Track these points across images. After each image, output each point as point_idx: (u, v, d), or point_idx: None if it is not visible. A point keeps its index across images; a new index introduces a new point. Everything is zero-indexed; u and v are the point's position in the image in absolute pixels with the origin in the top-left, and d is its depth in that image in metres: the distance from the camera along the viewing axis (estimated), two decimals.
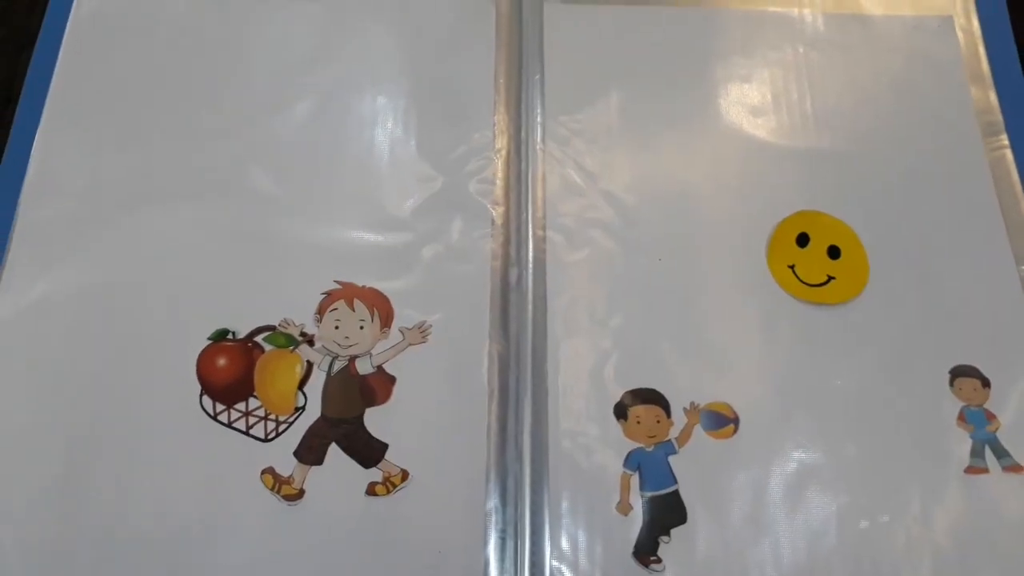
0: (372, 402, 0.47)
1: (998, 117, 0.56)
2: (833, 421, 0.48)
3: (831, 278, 0.51)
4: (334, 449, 0.46)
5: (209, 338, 0.48)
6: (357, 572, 0.44)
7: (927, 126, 0.56)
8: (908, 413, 0.48)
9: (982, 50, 0.59)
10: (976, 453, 0.47)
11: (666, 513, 0.45)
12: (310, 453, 0.46)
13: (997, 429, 0.48)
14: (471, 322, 0.49)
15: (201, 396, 0.47)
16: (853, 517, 0.45)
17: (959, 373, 0.49)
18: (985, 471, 0.47)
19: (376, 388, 0.47)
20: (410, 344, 0.48)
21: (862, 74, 0.58)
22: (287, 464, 0.46)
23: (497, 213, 0.52)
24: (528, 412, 0.47)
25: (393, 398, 0.47)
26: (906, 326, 0.50)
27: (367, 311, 0.49)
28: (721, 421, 0.47)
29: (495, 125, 0.54)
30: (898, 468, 0.47)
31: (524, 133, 0.55)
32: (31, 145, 0.53)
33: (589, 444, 0.46)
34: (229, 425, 0.46)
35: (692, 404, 0.48)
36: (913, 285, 0.51)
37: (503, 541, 0.45)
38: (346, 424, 0.46)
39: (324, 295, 0.49)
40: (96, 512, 0.44)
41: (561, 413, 0.47)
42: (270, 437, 0.46)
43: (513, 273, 0.51)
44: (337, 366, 0.48)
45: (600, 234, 0.52)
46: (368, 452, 0.46)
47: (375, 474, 0.45)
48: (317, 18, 0.58)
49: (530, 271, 0.51)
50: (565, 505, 0.45)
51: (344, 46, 0.57)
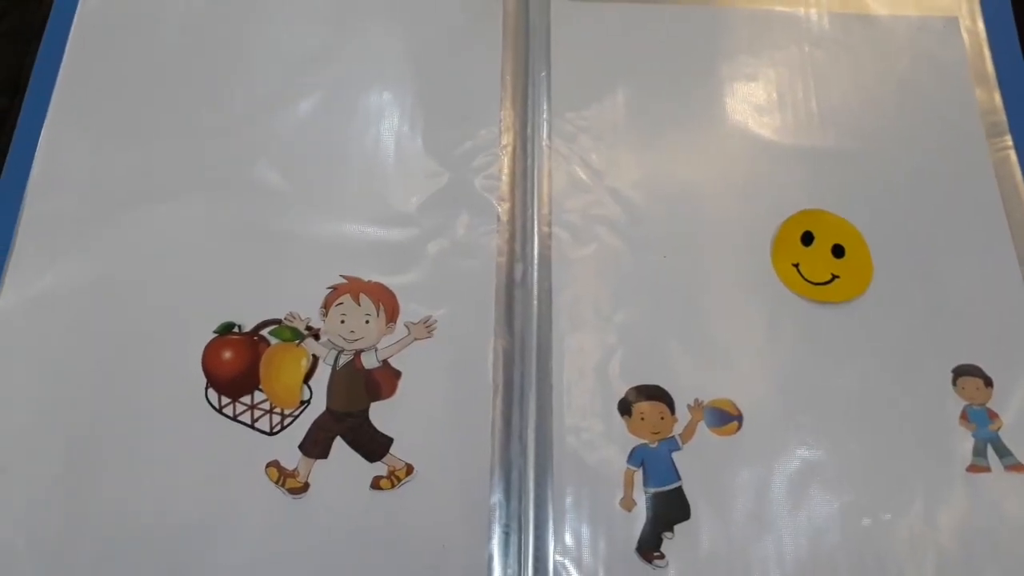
0: (377, 396, 0.47)
1: (1002, 118, 0.56)
2: (836, 419, 0.48)
3: (835, 277, 0.51)
4: (339, 443, 0.46)
5: (215, 331, 0.48)
6: (361, 566, 0.44)
7: (932, 126, 0.56)
8: (911, 411, 0.48)
9: (987, 51, 0.59)
10: (978, 452, 0.47)
11: (670, 509, 0.45)
12: (315, 447, 0.46)
13: (999, 428, 0.48)
14: (476, 317, 0.49)
15: (207, 389, 0.47)
16: (856, 515, 0.46)
17: (962, 372, 0.49)
18: (987, 470, 0.47)
19: (381, 382, 0.47)
20: (415, 339, 0.48)
21: (867, 74, 0.58)
22: (292, 457, 0.46)
23: (503, 209, 0.52)
24: (532, 407, 0.47)
25: (398, 392, 0.47)
26: (909, 325, 0.50)
27: (373, 305, 0.49)
28: (725, 418, 0.47)
29: (501, 121, 0.54)
30: (901, 466, 0.47)
31: (530, 130, 0.55)
32: (37, 139, 0.53)
33: (593, 440, 0.47)
34: (234, 418, 0.46)
35: (696, 401, 0.48)
36: (917, 284, 0.51)
37: (507, 536, 0.45)
38: (351, 418, 0.47)
39: (330, 289, 0.49)
40: (100, 506, 0.44)
41: (565, 409, 0.47)
42: (275, 430, 0.46)
43: (518, 269, 0.51)
44: (342, 360, 0.48)
45: (605, 231, 0.52)
46: (373, 446, 0.46)
47: (380, 468, 0.45)
48: (323, 13, 0.58)
49: (535, 267, 0.51)
50: (569, 500, 0.45)
51: (350, 42, 0.57)
